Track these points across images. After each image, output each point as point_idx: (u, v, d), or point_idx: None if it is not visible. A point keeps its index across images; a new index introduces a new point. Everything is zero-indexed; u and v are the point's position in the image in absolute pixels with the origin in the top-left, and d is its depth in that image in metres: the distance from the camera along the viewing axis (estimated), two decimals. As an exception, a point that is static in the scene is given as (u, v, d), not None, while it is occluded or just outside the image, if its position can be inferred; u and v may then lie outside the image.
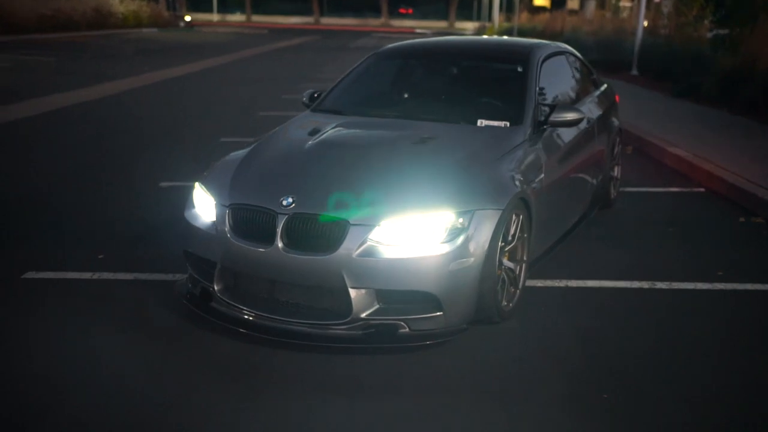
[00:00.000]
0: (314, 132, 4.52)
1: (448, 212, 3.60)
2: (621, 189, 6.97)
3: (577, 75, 5.72)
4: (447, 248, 3.54)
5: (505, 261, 4.01)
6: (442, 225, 3.58)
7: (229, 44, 31.03)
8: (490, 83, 5.13)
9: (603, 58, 19.53)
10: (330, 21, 65.80)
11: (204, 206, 3.98)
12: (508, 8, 45.99)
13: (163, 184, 6.84)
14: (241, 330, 3.69)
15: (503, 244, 3.90)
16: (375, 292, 3.57)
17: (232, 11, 66.38)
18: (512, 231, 3.98)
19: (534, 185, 4.25)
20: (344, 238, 3.51)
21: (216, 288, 3.85)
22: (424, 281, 3.54)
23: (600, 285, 4.58)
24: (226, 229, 3.77)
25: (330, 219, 3.56)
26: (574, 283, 4.59)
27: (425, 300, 3.58)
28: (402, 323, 3.60)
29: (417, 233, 3.55)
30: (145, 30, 41.27)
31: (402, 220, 3.55)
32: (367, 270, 3.51)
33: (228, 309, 3.80)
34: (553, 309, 4.21)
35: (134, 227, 5.54)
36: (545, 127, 4.59)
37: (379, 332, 3.58)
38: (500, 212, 3.72)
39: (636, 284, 4.60)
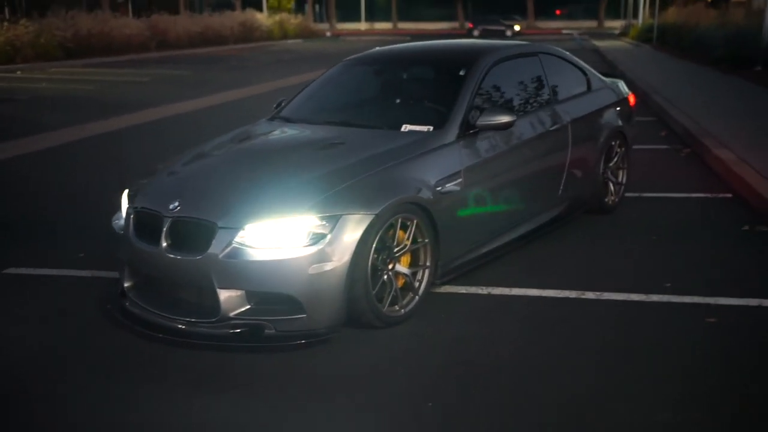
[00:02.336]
0: (241, 140, 4.75)
1: (311, 217, 3.70)
2: (641, 194, 6.65)
3: (551, 77, 5.52)
4: (307, 252, 3.65)
5: (398, 266, 4.04)
6: (304, 229, 3.68)
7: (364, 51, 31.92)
8: (432, 88, 5.12)
9: (728, 54, 18.30)
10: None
11: (123, 211, 4.33)
12: (662, 4, 43.85)
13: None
14: (137, 327, 3.99)
15: (392, 249, 3.94)
16: (245, 293, 3.74)
17: (379, 20, 67.90)
18: (401, 236, 3.99)
19: (444, 190, 4.22)
20: (213, 241, 3.71)
21: (126, 286, 4.18)
22: (286, 284, 3.67)
23: (524, 293, 4.45)
24: (130, 231, 4.10)
25: (201, 222, 3.78)
26: (497, 291, 4.49)
27: (288, 302, 3.70)
28: (269, 324, 3.74)
29: (280, 237, 3.68)
30: (290, 41, 43.27)
31: (266, 224, 3.69)
32: (233, 271, 3.69)
33: (133, 306, 4.11)
34: (456, 316, 4.16)
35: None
36: (470, 132, 4.53)
37: (246, 332, 3.74)
38: (372, 217, 3.76)
39: (564, 293, 4.43)
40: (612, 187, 6.14)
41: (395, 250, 4.00)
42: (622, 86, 6.57)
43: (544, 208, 5.28)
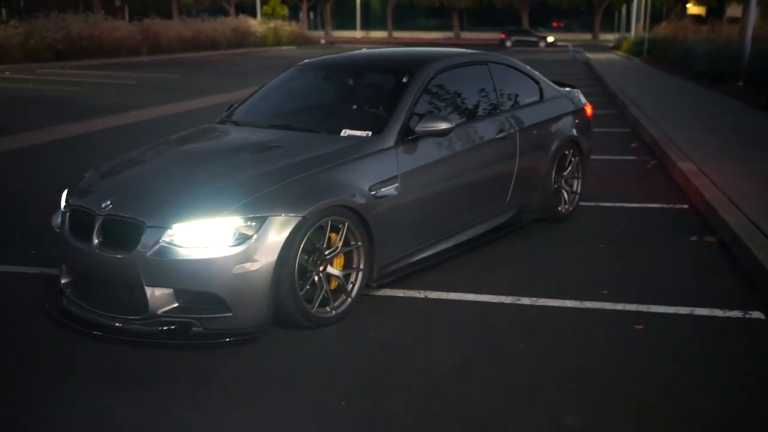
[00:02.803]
0: (183, 142, 4.79)
1: (236, 218, 3.73)
2: (598, 203, 6.70)
3: (500, 86, 5.56)
4: (232, 252, 3.68)
5: (330, 268, 4.08)
6: (230, 230, 3.71)
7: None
8: (375, 94, 5.17)
9: (710, 69, 18.42)
10: (471, 35, 65.90)
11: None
12: (654, 18, 44.09)
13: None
14: (70, 324, 4.00)
15: (322, 251, 3.98)
16: (173, 291, 3.76)
17: (375, 28, 68.15)
18: (333, 238, 4.03)
19: (379, 194, 4.26)
20: (141, 239, 3.74)
21: (63, 282, 4.20)
22: (211, 283, 3.70)
23: (461, 298, 4.48)
24: (66, 229, 4.12)
25: (130, 220, 3.80)
26: (434, 295, 4.52)
27: (214, 301, 3.73)
28: (196, 322, 3.76)
29: (206, 237, 3.71)
30: (283, 48, 43.36)
31: (193, 224, 3.72)
32: (160, 269, 3.72)
33: (69, 304, 4.12)
34: (388, 319, 4.18)
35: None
36: (409, 138, 4.57)
37: (174, 329, 3.77)
38: (299, 219, 3.79)
39: (500, 299, 4.46)
40: (566, 196, 6.18)
41: (326, 252, 4.04)
42: (579, 96, 6.62)
43: (489, 214, 5.31)
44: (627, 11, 47.03)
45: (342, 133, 4.59)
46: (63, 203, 4.31)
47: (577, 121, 6.29)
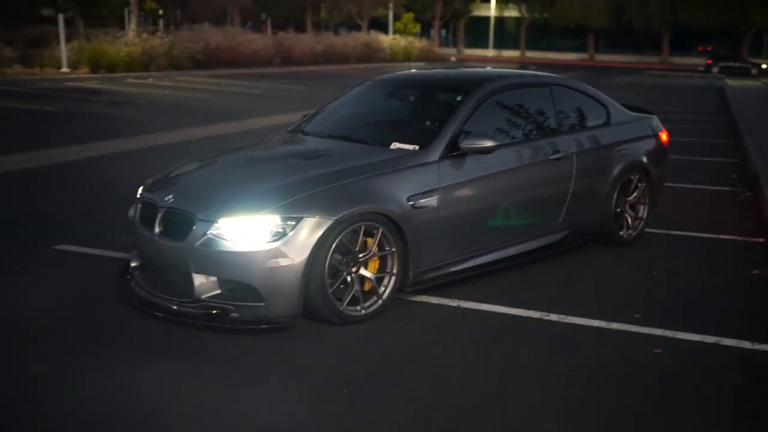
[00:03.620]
0: (251, 147, 5.26)
1: (275, 216, 4.11)
2: (668, 231, 6.63)
3: (561, 109, 5.67)
4: (267, 247, 4.06)
5: (363, 270, 4.38)
6: (267, 227, 4.10)
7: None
8: (431, 111, 5.42)
9: None
10: (606, 58, 64.27)
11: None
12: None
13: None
14: (135, 304, 4.51)
15: (356, 253, 4.29)
16: (217, 279, 4.19)
17: (508, 47, 67.88)
18: (362, 243, 4.33)
19: (418, 205, 4.53)
20: (192, 230, 4.20)
21: (132, 265, 4.74)
22: (247, 274, 4.09)
23: (490, 309, 4.66)
24: (136, 218, 4.66)
25: (185, 213, 4.27)
26: (466, 305, 4.73)
27: (249, 291, 4.12)
28: (233, 308, 4.17)
29: (247, 232, 4.11)
30: (412, 64, 44.11)
31: (236, 220, 4.14)
32: (205, 259, 4.16)
33: (136, 286, 4.64)
34: (415, 323, 4.44)
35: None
36: (455, 153, 4.80)
37: (216, 314, 4.19)
38: (331, 222, 4.13)
39: (529, 313, 4.61)
40: (629, 221, 6.18)
41: (360, 255, 4.35)
42: (654, 122, 6.59)
43: (537, 233, 5.43)
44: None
45: (392, 146, 4.89)
46: (138, 196, 4.86)
47: (646, 146, 6.28)
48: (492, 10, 66.35)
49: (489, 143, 4.79)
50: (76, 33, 32.00)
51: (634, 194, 6.19)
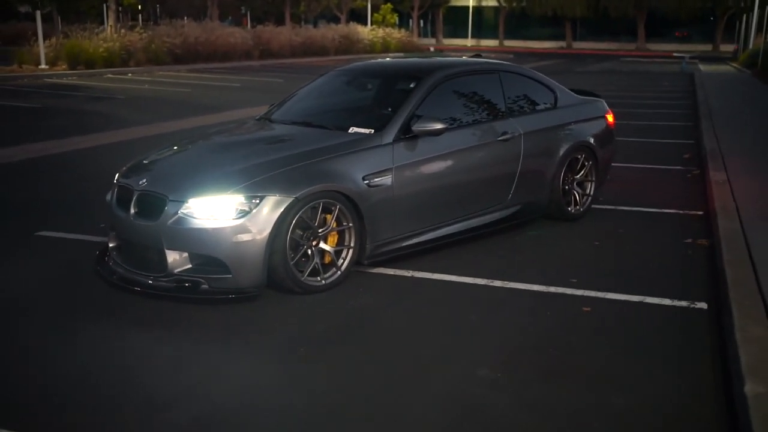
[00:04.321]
0: (219, 133, 5.66)
1: (239, 196, 4.51)
2: (616, 207, 7.09)
3: (510, 93, 6.11)
4: (233, 224, 4.46)
5: (322, 244, 4.80)
6: (232, 205, 4.50)
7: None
8: (386, 97, 5.83)
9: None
10: (584, 45, 64.92)
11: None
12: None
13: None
14: (115, 281, 4.90)
15: (315, 228, 4.71)
16: (188, 254, 4.59)
17: (486, 37, 68.34)
18: (321, 219, 4.74)
19: (372, 183, 4.94)
20: (164, 210, 4.59)
21: (110, 245, 5.13)
22: (215, 248, 4.50)
23: (441, 278, 5.10)
24: (113, 201, 5.05)
25: (158, 195, 4.67)
26: (420, 275, 5.16)
27: (217, 264, 4.52)
28: (203, 281, 4.57)
29: (214, 210, 4.51)
30: (391, 55, 44.51)
31: (204, 200, 4.54)
32: (177, 236, 4.56)
33: (115, 265, 5.03)
34: (371, 291, 4.86)
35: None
36: (408, 136, 5.22)
37: (188, 287, 4.59)
38: (291, 199, 4.53)
39: (476, 281, 5.04)
40: (577, 197, 6.63)
41: (319, 229, 4.76)
42: (600, 105, 7.03)
43: (488, 209, 5.86)
44: (747, 21, 45.20)
45: (350, 130, 5.30)
46: (114, 181, 5.24)
47: (593, 128, 6.72)
48: (470, 0, 66.84)
49: (438, 126, 5.21)
50: (55, 29, 32.11)
51: (581, 172, 6.64)
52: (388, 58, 6.88)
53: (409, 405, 3.42)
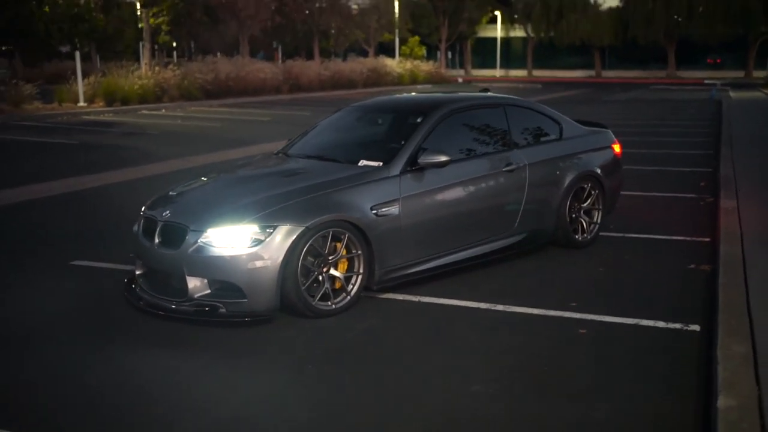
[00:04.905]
0: (239, 167, 6.05)
1: (254, 226, 4.85)
2: (625, 234, 7.29)
3: (515, 126, 6.39)
4: (248, 251, 4.79)
5: (333, 270, 5.10)
6: (248, 234, 4.84)
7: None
8: (396, 132, 6.14)
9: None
10: (613, 74, 65.05)
11: (141, 217, 5.68)
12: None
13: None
14: (141, 306, 5.25)
15: (326, 255, 5.01)
16: (207, 280, 4.92)
17: (515, 67, 68.85)
18: (332, 247, 5.05)
19: (380, 213, 5.25)
20: (184, 240, 4.94)
21: (137, 273, 5.49)
22: (231, 275, 4.83)
23: (447, 303, 5.36)
24: (139, 232, 5.42)
25: (179, 225, 5.02)
26: (426, 299, 5.42)
27: (234, 289, 4.85)
28: (221, 305, 4.89)
29: (231, 240, 4.85)
30: (419, 86, 45.08)
31: (222, 230, 4.88)
32: (197, 263, 4.90)
33: (141, 291, 5.38)
34: (379, 315, 5.14)
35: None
36: (414, 168, 5.53)
37: (205, 310, 4.91)
38: (302, 228, 4.85)
39: (480, 305, 5.29)
40: (584, 225, 6.85)
41: (329, 257, 5.07)
42: (607, 136, 7.28)
43: (494, 236, 6.12)
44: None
45: (360, 163, 5.63)
46: (141, 213, 5.62)
47: (599, 157, 6.97)
48: (498, 31, 67.51)
49: (443, 158, 5.51)
50: (93, 68, 33.26)
51: (588, 201, 6.87)
52: (401, 94, 7.19)
53: (405, 416, 3.68)
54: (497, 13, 65.84)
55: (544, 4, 64.05)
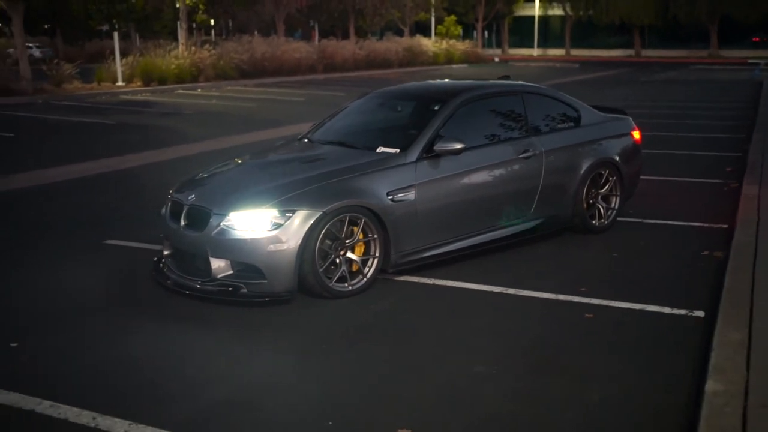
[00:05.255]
0: (264, 152, 6.28)
1: (273, 210, 5.08)
2: (643, 220, 7.38)
3: (532, 114, 6.51)
4: (268, 234, 5.03)
5: (349, 254, 5.32)
6: (268, 218, 5.07)
7: (522, 78, 32.95)
8: (414, 119, 6.31)
9: None
10: (653, 53, 63.86)
11: (169, 200, 5.95)
12: None
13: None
14: (168, 285, 5.53)
15: (343, 239, 5.23)
16: (230, 261, 5.18)
17: (553, 46, 68.04)
18: (348, 231, 5.26)
19: (396, 198, 5.44)
20: (209, 222, 5.20)
21: (164, 253, 5.77)
22: (252, 257, 5.07)
23: (461, 286, 5.55)
24: (167, 214, 5.69)
25: (204, 209, 5.28)
26: (441, 282, 5.62)
27: (254, 270, 5.09)
28: (243, 286, 5.15)
29: (252, 223, 5.09)
30: (455, 66, 44.92)
31: (243, 213, 5.12)
32: (220, 245, 5.16)
33: (168, 271, 5.66)
34: (394, 297, 5.35)
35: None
36: (430, 155, 5.70)
37: (228, 290, 5.17)
38: (319, 213, 5.07)
39: (492, 288, 5.47)
40: (601, 211, 6.96)
41: (346, 240, 5.28)
42: (626, 123, 7.34)
43: (510, 221, 6.27)
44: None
45: (377, 150, 5.81)
46: (168, 196, 5.89)
47: (617, 144, 7.05)
48: (536, 10, 66.64)
49: (458, 145, 5.67)
50: (133, 46, 33.84)
51: (606, 187, 6.97)
52: (425, 81, 7.35)
53: (408, 392, 3.90)
54: (535, -10, 65.02)
55: (583, -19, 63.07)
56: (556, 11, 68.22)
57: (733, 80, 32.66)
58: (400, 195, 5.49)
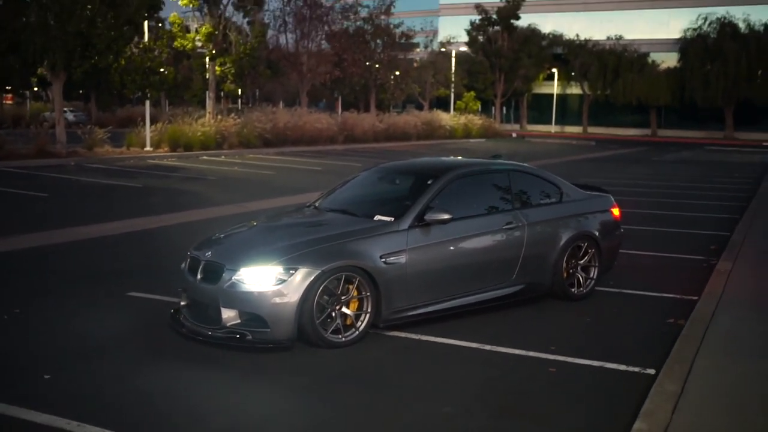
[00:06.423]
0: (275, 217, 7.06)
1: (279, 267, 5.81)
2: (621, 290, 8.00)
3: (517, 189, 7.26)
4: (272, 289, 5.75)
5: (344, 309, 6.01)
6: (273, 275, 5.80)
7: (537, 153, 34.02)
8: (410, 191, 7.06)
9: None
10: (670, 133, 64.98)
11: (187, 257, 6.71)
12: None
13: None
14: (184, 332, 6.23)
15: (338, 295, 5.93)
16: (238, 311, 5.88)
17: (570, 123, 69.48)
18: (344, 288, 5.96)
19: (388, 261, 6.15)
20: (221, 277, 5.93)
21: (182, 304, 6.49)
22: (258, 307, 5.78)
23: (443, 341, 6.19)
24: (185, 269, 6.44)
25: (218, 264, 6.02)
26: (426, 338, 6.27)
27: (259, 320, 5.79)
28: (249, 333, 5.83)
29: (259, 278, 5.82)
30: (472, 140, 46.17)
31: (252, 269, 5.85)
32: (230, 297, 5.88)
33: (184, 319, 6.37)
34: (381, 350, 6.01)
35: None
36: (421, 224, 6.43)
37: (236, 337, 5.86)
38: (318, 271, 5.79)
39: (470, 344, 6.11)
40: (580, 280, 7.61)
41: (342, 296, 5.98)
42: (606, 200, 8.06)
43: (494, 286, 6.93)
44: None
45: (375, 218, 6.56)
46: (188, 253, 6.65)
47: (596, 219, 7.76)
48: (555, 88, 68.35)
49: (446, 216, 6.42)
50: (161, 113, 35.41)
51: (584, 258, 7.64)
52: (424, 158, 8.20)
53: (383, 427, 4.52)
54: (554, 70, 66.75)
55: (601, 62, 64.73)
56: (575, 90, 69.87)
57: (744, 162, 33.40)
58: (392, 258, 6.21)
